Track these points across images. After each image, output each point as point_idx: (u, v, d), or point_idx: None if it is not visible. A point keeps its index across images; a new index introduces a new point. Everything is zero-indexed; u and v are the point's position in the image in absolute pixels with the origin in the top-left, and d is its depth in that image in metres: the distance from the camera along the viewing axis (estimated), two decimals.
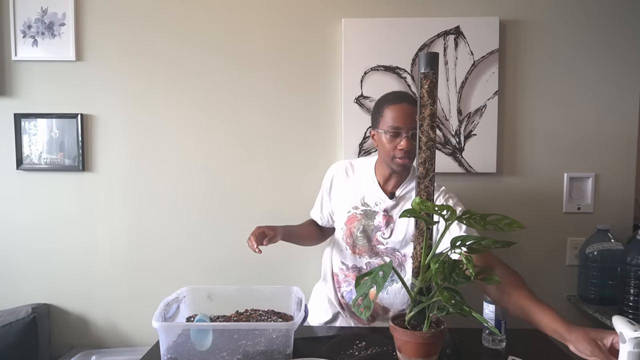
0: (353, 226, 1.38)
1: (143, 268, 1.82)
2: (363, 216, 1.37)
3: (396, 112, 1.26)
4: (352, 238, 1.39)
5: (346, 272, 1.42)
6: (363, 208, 1.38)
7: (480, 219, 0.96)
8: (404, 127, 1.25)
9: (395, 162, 1.29)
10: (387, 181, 1.37)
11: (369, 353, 1.14)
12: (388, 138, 1.27)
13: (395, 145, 1.26)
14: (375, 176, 1.38)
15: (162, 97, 1.78)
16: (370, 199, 1.38)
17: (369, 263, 1.39)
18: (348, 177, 1.43)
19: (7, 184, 1.82)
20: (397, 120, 1.25)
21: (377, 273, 0.97)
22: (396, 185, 1.37)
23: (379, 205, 1.36)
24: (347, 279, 1.42)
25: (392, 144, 1.27)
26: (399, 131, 1.26)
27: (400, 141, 1.25)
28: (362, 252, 1.39)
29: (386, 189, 1.38)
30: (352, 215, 1.39)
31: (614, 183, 1.74)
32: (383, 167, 1.36)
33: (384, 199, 1.36)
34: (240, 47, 1.76)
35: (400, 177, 1.36)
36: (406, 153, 1.26)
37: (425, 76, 1.09)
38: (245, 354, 1.06)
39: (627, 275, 1.44)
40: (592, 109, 1.73)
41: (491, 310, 1.21)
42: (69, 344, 1.82)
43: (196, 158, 1.80)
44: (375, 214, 1.36)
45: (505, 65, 1.73)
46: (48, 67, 1.78)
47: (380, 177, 1.38)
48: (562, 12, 1.72)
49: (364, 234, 1.37)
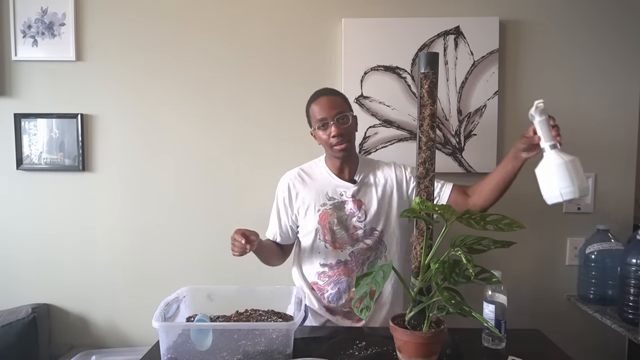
0: (328, 222, 1.41)
1: (143, 268, 1.82)
2: (334, 209, 1.42)
3: (318, 106, 1.38)
4: (331, 233, 1.41)
5: (330, 273, 1.43)
6: (331, 202, 1.43)
7: (480, 219, 0.96)
8: (328, 116, 1.36)
9: (335, 150, 1.38)
10: (342, 171, 1.45)
11: (369, 353, 1.14)
12: (321, 131, 1.39)
13: (329, 134, 1.36)
14: (330, 170, 1.46)
15: (162, 97, 1.78)
16: (334, 191, 1.44)
17: (353, 252, 1.41)
18: (304, 180, 1.47)
19: (7, 184, 1.82)
20: (321, 112, 1.37)
21: (377, 273, 0.97)
22: (351, 172, 1.46)
23: (345, 194, 1.43)
24: (332, 278, 1.43)
25: (326, 134, 1.38)
26: (326, 121, 1.37)
27: (330, 129, 1.35)
28: (344, 244, 1.41)
29: (345, 178, 1.45)
30: (324, 212, 1.42)
31: (614, 183, 1.74)
32: (332, 159, 1.45)
33: (348, 186, 1.43)
34: (241, 47, 1.76)
35: (351, 164, 1.45)
36: (339, 137, 1.35)
37: (425, 76, 1.09)
38: (245, 354, 1.06)
39: (627, 275, 1.44)
40: (592, 108, 1.73)
41: (491, 310, 1.21)
42: (69, 344, 1.82)
43: (196, 158, 1.80)
44: (344, 203, 1.42)
45: (505, 65, 1.73)
46: (48, 67, 1.78)
47: (334, 169, 1.46)
48: (562, 12, 1.72)
49: (341, 225, 1.40)
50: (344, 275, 1.41)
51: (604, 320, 1.51)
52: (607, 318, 1.50)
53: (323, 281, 1.44)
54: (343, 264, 1.41)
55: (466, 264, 0.88)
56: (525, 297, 1.75)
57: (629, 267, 1.44)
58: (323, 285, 1.44)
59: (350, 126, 1.39)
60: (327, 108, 1.37)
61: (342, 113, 1.37)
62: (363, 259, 1.41)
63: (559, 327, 1.67)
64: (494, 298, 1.22)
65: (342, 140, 1.36)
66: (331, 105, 1.37)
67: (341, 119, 1.37)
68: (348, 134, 1.38)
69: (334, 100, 1.39)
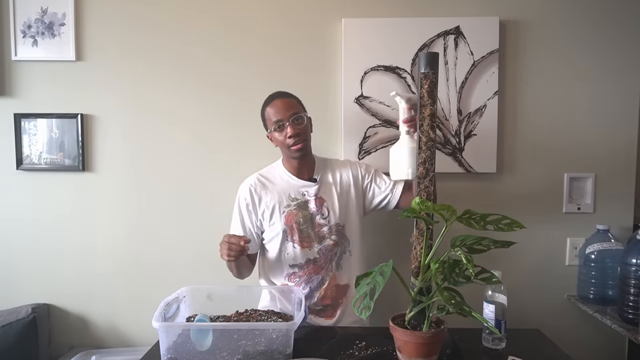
0: (294, 221, 1.44)
1: (143, 268, 1.82)
2: (298, 209, 1.45)
3: (272, 108, 1.43)
4: (298, 232, 1.44)
5: (300, 273, 1.46)
6: (294, 203, 1.46)
7: (480, 219, 0.96)
8: (284, 117, 1.40)
9: (292, 150, 1.42)
10: (301, 172, 1.49)
11: (369, 353, 1.14)
12: (277, 132, 1.43)
13: (285, 135, 1.40)
14: (288, 172, 1.50)
15: (162, 97, 1.78)
16: (296, 192, 1.47)
17: (320, 250, 1.45)
18: (265, 185, 1.50)
19: (7, 184, 1.82)
20: (277, 114, 1.41)
21: (377, 273, 0.97)
22: (310, 172, 1.50)
23: (307, 194, 1.47)
24: (303, 278, 1.45)
25: (282, 135, 1.42)
26: (282, 122, 1.41)
27: (286, 130, 1.39)
28: (311, 242, 1.45)
29: (304, 178, 1.49)
30: (289, 213, 1.45)
31: (614, 183, 1.74)
32: (290, 161, 1.49)
33: (309, 185, 1.48)
34: (241, 47, 1.76)
35: (308, 163, 1.50)
36: (296, 137, 1.40)
37: (425, 76, 1.09)
38: (245, 354, 1.06)
39: (627, 275, 1.44)
40: (592, 108, 1.73)
41: (491, 310, 1.21)
42: (69, 344, 1.82)
43: (196, 158, 1.80)
44: (307, 202, 1.46)
45: (505, 65, 1.73)
46: (48, 67, 1.78)
47: (293, 170, 1.50)
48: (562, 12, 1.72)
49: (307, 223, 1.44)
50: (314, 274, 1.45)
51: (604, 320, 1.51)
52: (607, 318, 1.50)
53: (294, 282, 1.46)
54: (312, 262, 1.45)
55: (466, 264, 0.88)
56: (525, 297, 1.75)
57: (629, 267, 1.44)
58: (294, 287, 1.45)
59: (305, 126, 1.44)
60: (283, 110, 1.41)
61: (297, 114, 1.42)
62: (331, 255, 1.45)
63: (559, 327, 1.67)
64: (494, 298, 1.22)
65: (299, 140, 1.40)
66: (286, 107, 1.42)
67: (296, 119, 1.41)
68: (304, 133, 1.43)
69: (288, 102, 1.44)
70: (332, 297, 1.45)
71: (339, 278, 1.46)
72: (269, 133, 1.47)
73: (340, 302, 1.46)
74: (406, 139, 1.32)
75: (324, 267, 1.45)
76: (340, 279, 1.46)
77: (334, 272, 1.45)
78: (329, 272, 1.45)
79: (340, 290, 1.46)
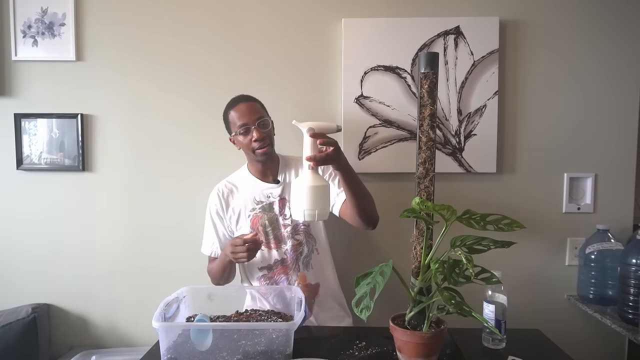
0: (259, 224, 1.46)
1: (143, 268, 1.82)
2: (263, 211, 1.48)
3: (237, 112, 1.43)
4: (264, 235, 1.46)
5: (270, 274, 1.48)
6: (259, 206, 1.48)
7: (480, 219, 0.97)
8: (249, 121, 1.41)
9: (257, 154, 1.43)
10: (265, 174, 1.51)
11: (369, 353, 1.14)
12: (242, 136, 1.42)
13: (250, 139, 1.41)
14: (253, 176, 1.52)
15: (162, 97, 1.78)
16: (261, 195, 1.49)
17: (287, 250, 1.46)
18: (232, 191, 1.53)
19: (7, 184, 1.82)
20: (241, 118, 1.41)
21: (377, 274, 0.97)
22: (274, 174, 1.51)
23: (271, 196, 1.49)
24: (273, 279, 1.47)
25: (247, 139, 1.42)
26: (247, 126, 1.41)
27: (252, 134, 1.40)
28: (278, 243, 1.47)
29: (268, 180, 1.51)
30: (254, 217, 1.48)
31: (614, 183, 1.74)
32: (254, 164, 1.51)
33: (272, 187, 1.50)
34: (241, 46, 1.76)
35: (273, 166, 1.51)
36: (261, 141, 1.41)
37: (425, 76, 1.09)
38: (245, 354, 1.06)
39: (627, 275, 1.44)
40: (592, 109, 1.73)
41: (491, 310, 1.21)
42: (69, 344, 1.82)
43: (196, 158, 1.80)
44: (271, 204, 1.48)
45: (505, 65, 1.73)
46: (48, 67, 1.78)
47: (257, 174, 1.51)
48: (562, 12, 1.72)
49: (272, 225, 1.46)
50: (282, 274, 1.46)
51: (604, 320, 1.51)
52: (607, 318, 1.50)
53: (265, 284, 1.48)
54: (280, 262, 1.46)
55: (466, 264, 0.88)
56: (525, 297, 1.75)
57: (629, 267, 1.44)
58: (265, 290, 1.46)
59: (269, 130, 1.45)
60: (248, 114, 1.41)
61: (262, 118, 1.43)
62: (297, 254, 1.46)
63: (559, 327, 1.67)
64: (494, 298, 1.22)
65: (264, 144, 1.41)
66: (251, 110, 1.42)
67: (261, 123, 1.42)
68: (268, 137, 1.44)
69: (253, 106, 1.44)
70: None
71: (309, 278, 1.47)
72: (232, 137, 1.47)
73: (312, 302, 1.47)
74: (308, 176, 1.11)
75: (291, 267, 1.47)
76: (310, 278, 1.47)
77: (302, 271, 1.46)
78: (297, 271, 1.46)
79: (311, 290, 1.47)
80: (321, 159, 1.13)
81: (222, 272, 1.46)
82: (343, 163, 1.24)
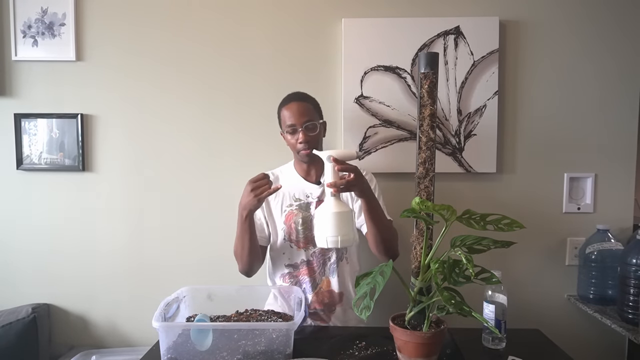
0: (292, 221, 1.45)
1: (143, 268, 1.82)
2: (299, 210, 1.46)
3: (288, 111, 1.43)
4: (295, 232, 1.45)
5: (295, 273, 1.47)
6: (297, 203, 1.47)
7: (480, 219, 0.96)
8: (297, 122, 1.40)
9: (301, 155, 1.44)
10: (308, 174, 1.51)
11: (369, 353, 1.14)
12: (289, 135, 1.44)
13: (296, 140, 1.41)
14: (297, 173, 1.52)
15: (162, 97, 1.78)
16: (300, 193, 1.48)
17: (314, 252, 1.46)
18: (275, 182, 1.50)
19: (7, 184, 1.82)
20: (290, 118, 1.41)
21: (377, 274, 0.97)
22: (318, 174, 1.51)
23: (310, 196, 1.48)
24: (298, 277, 1.46)
25: (294, 139, 1.43)
26: (294, 127, 1.41)
27: (298, 135, 1.40)
28: (306, 244, 1.45)
29: (312, 180, 1.50)
30: (289, 212, 1.47)
31: (614, 183, 1.74)
32: (299, 163, 1.51)
33: (313, 189, 1.49)
34: (240, 47, 1.76)
35: (317, 167, 1.50)
36: (305, 144, 1.40)
37: (425, 76, 1.09)
38: (245, 354, 1.06)
39: (627, 275, 1.44)
40: (592, 108, 1.73)
41: (491, 310, 1.21)
42: (69, 344, 1.82)
43: (196, 158, 1.80)
44: (309, 204, 1.47)
45: (505, 65, 1.73)
46: (48, 67, 1.78)
47: (301, 172, 1.51)
48: (562, 12, 1.72)
49: (305, 225, 1.44)
50: (307, 276, 1.45)
51: (604, 320, 1.51)
52: (607, 318, 1.50)
53: (288, 283, 1.48)
54: (306, 263, 1.45)
55: (466, 264, 0.88)
56: (525, 297, 1.75)
57: (629, 267, 1.44)
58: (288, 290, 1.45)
59: (317, 134, 1.44)
60: (297, 115, 1.41)
61: (311, 121, 1.42)
62: (324, 259, 1.46)
63: (559, 327, 1.67)
64: (494, 298, 1.22)
65: (308, 147, 1.41)
66: (301, 112, 1.41)
67: (309, 126, 1.41)
68: (314, 140, 1.43)
69: (304, 107, 1.43)
70: (325, 303, 1.45)
71: (332, 284, 1.46)
72: (282, 133, 1.49)
73: (333, 309, 1.46)
74: (330, 203, 1.13)
75: (316, 271, 1.46)
76: (334, 285, 1.46)
77: (327, 277, 1.46)
78: (321, 276, 1.46)
79: (333, 297, 1.46)
80: (342, 185, 1.14)
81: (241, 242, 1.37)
82: (365, 190, 1.24)
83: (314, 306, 1.45)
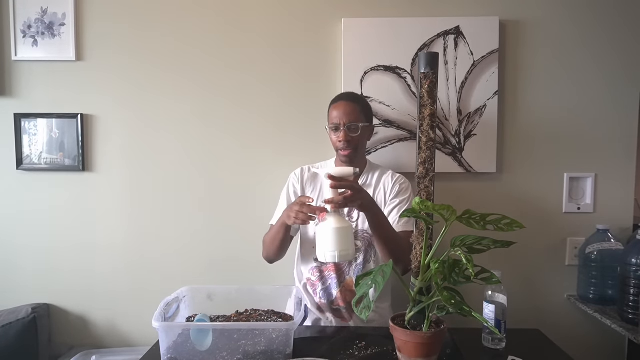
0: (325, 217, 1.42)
1: (143, 268, 1.82)
2: None
3: (335, 110, 1.45)
4: None
5: (322, 268, 1.48)
6: None
7: (480, 219, 0.96)
8: (340, 121, 1.43)
9: (340, 153, 1.47)
10: None
11: (369, 353, 1.14)
12: (332, 132, 1.47)
13: (337, 138, 1.44)
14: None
15: (162, 97, 1.78)
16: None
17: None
18: (314, 177, 1.55)
19: (7, 184, 1.82)
20: (335, 117, 1.44)
21: (377, 273, 0.97)
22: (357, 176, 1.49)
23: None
24: (324, 274, 1.47)
25: (335, 137, 1.45)
26: (337, 126, 1.44)
27: (340, 134, 1.43)
28: None
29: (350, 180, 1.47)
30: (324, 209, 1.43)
31: (614, 183, 1.74)
32: (339, 161, 1.53)
33: None
34: (240, 47, 1.76)
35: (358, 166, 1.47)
36: (345, 143, 1.42)
37: (425, 76, 1.09)
38: (245, 354, 1.06)
39: (627, 275, 1.44)
40: (592, 109, 1.73)
41: (491, 310, 1.21)
42: (69, 344, 1.82)
43: (196, 158, 1.80)
44: None
45: (505, 65, 1.73)
46: (48, 67, 1.78)
47: None
48: (562, 12, 1.72)
49: None
50: (333, 272, 1.46)
51: (604, 320, 1.51)
52: (607, 318, 1.49)
53: (315, 277, 1.49)
54: None
55: (466, 264, 0.88)
56: (525, 297, 1.75)
57: (629, 267, 1.44)
58: (315, 281, 1.49)
59: (359, 136, 1.44)
60: (342, 114, 1.43)
61: (354, 123, 1.42)
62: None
63: (559, 327, 1.67)
64: (494, 298, 1.22)
65: (348, 147, 1.43)
66: (347, 112, 1.43)
67: (351, 127, 1.42)
68: (355, 142, 1.44)
69: (351, 108, 1.44)
70: (347, 301, 1.45)
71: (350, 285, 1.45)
72: (327, 129, 1.51)
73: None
74: (330, 218, 1.16)
75: (342, 269, 1.46)
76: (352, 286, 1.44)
77: (351, 276, 1.46)
78: (346, 274, 1.46)
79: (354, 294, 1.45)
80: (340, 202, 1.16)
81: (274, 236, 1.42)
82: (367, 205, 1.25)
83: (338, 303, 1.46)
